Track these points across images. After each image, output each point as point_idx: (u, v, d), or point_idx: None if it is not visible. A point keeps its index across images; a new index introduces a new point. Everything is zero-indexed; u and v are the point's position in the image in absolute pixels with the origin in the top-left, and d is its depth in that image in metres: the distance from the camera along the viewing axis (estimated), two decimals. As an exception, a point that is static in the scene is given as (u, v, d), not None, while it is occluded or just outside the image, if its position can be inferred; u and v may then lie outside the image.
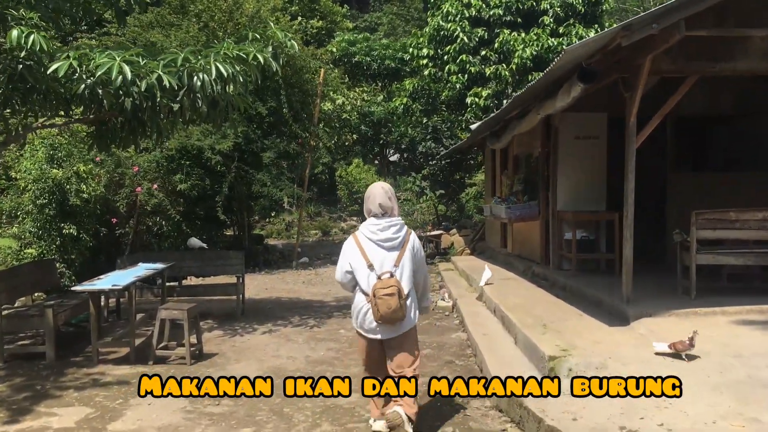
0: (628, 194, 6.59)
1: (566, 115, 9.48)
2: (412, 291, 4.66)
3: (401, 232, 4.64)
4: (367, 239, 4.59)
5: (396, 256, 4.57)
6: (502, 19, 21.19)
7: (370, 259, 4.54)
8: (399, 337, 4.60)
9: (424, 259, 4.91)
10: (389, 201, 4.64)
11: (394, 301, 4.39)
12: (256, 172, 14.24)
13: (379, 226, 4.58)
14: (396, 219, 4.67)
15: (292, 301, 10.89)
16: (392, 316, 4.42)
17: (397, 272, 4.53)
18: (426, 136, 18.92)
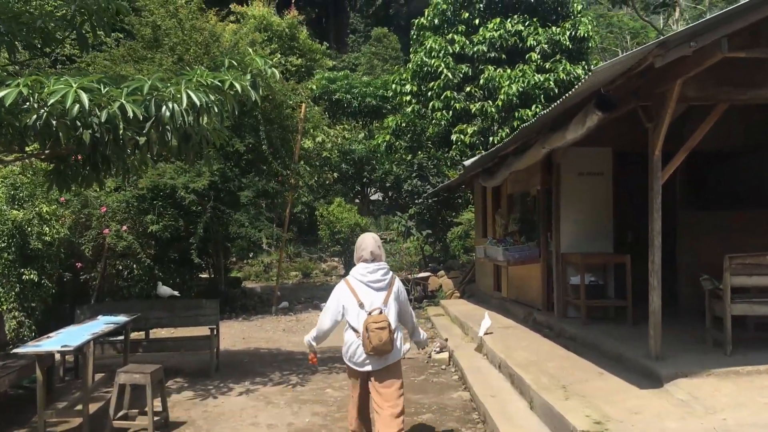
0: (654, 236, 5.85)
1: (569, 151, 8.80)
2: (399, 327, 5.10)
3: (388, 275, 5.09)
4: (358, 281, 5.01)
5: (384, 296, 4.99)
6: (486, 56, 20.76)
7: (360, 299, 4.94)
8: (387, 367, 4.95)
9: (407, 300, 5.33)
10: (378, 249, 5.18)
11: (385, 334, 4.77)
12: (234, 212, 13.37)
13: (369, 269, 5.03)
14: (383, 264, 5.14)
15: (272, 353, 9.95)
16: (383, 348, 4.78)
17: (385, 310, 4.92)
18: (411, 173, 18.21)
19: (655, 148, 5.82)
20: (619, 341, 6.98)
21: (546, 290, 9.60)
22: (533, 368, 6.47)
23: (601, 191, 9.00)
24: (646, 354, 6.06)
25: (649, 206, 5.91)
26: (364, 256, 5.08)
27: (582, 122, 6.13)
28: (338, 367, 8.68)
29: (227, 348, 10.35)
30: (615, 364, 6.38)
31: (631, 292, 8.34)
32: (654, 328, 5.87)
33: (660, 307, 5.86)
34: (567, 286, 8.96)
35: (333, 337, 10.94)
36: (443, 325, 11.42)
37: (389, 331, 4.78)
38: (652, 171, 5.86)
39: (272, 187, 13.99)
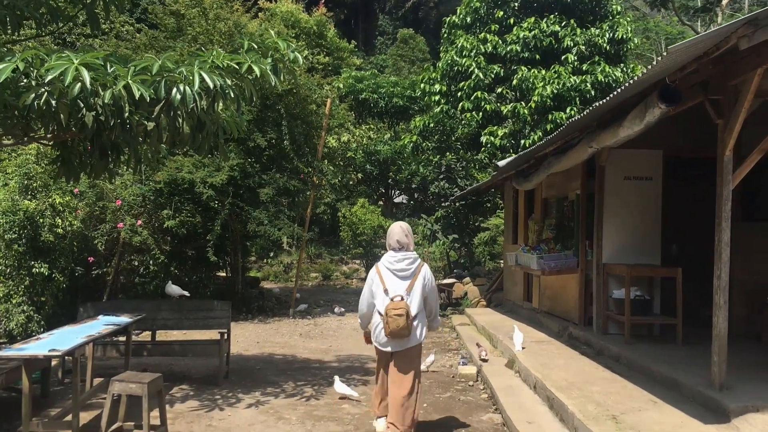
0: (722, 249, 5.13)
1: (614, 152, 8.09)
2: (421, 314, 5.42)
3: (413, 265, 5.40)
4: (386, 268, 5.41)
5: (408, 284, 5.34)
6: (520, 56, 20.07)
7: (386, 285, 5.35)
8: (405, 351, 5.36)
9: (435, 288, 5.61)
10: (406, 238, 5.46)
11: (402, 321, 5.14)
12: (253, 210, 12.80)
13: (396, 258, 5.39)
14: (410, 253, 5.44)
15: (287, 360, 9.33)
16: (400, 333, 5.19)
17: (407, 297, 5.29)
18: (439, 175, 17.52)
19: (725, 148, 5.11)
20: (672, 365, 6.25)
21: (583, 303, 8.88)
22: (575, 392, 5.77)
23: (649, 197, 8.27)
24: (708, 382, 5.34)
25: (717, 214, 5.20)
26: (392, 245, 5.47)
27: (640, 117, 5.43)
28: (356, 378, 8.04)
29: (240, 352, 9.76)
30: (669, 391, 5.66)
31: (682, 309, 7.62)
32: (719, 354, 5.14)
33: (726, 330, 5.14)
34: (608, 300, 8.24)
35: (353, 345, 10.29)
36: (469, 335, 10.72)
37: (407, 317, 5.16)
38: (722, 174, 5.15)
39: (294, 185, 13.39)
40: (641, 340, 7.72)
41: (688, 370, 5.96)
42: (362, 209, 20.26)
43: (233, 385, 7.58)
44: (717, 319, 5.14)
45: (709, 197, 10.14)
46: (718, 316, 5.13)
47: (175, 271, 13.47)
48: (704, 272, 8.37)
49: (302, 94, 13.92)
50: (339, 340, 11.09)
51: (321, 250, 25.91)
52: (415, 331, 5.33)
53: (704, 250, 9.87)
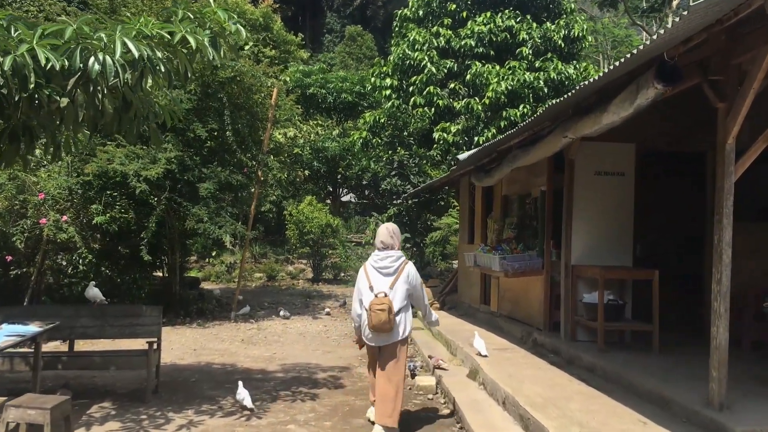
0: (723, 250, 4.52)
1: (585, 145, 7.51)
2: (405, 310, 5.68)
3: (396, 263, 5.73)
4: (372, 267, 5.76)
5: (391, 281, 5.65)
6: (474, 51, 19.57)
7: (371, 282, 5.68)
8: (389, 345, 5.62)
9: (420, 285, 5.87)
10: (390, 239, 5.80)
11: (384, 315, 5.42)
12: (192, 206, 11.82)
13: (379, 257, 5.76)
14: (393, 252, 5.77)
15: (226, 371, 8.46)
16: (382, 327, 5.46)
17: (390, 293, 5.58)
18: (390, 171, 16.80)
19: (728, 135, 4.50)
20: (656, 377, 5.65)
21: (549, 307, 8.28)
22: (553, 410, 5.10)
23: (621, 194, 7.71)
24: (703, 400, 4.73)
25: (717, 210, 4.59)
26: (377, 245, 5.86)
27: (631, 99, 4.79)
28: (303, 392, 7.24)
29: (173, 361, 8.84)
30: (658, 410, 5.04)
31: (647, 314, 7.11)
32: (718, 369, 4.53)
33: (727, 342, 4.53)
34: (576, 304, 7.65)
35: (300, 351, 9.48)
36: (424, 341, 10.02)
37: (388, 312, 5.44)
38: (723, 164, 4.54)
39: (237, 180, 12.45)
40: (614, 348, 7.13)
41: (675, 383, 5.37)
42: (309, 207, 19.38)
43: (163, 402, 6.68)
44: (717, 330, 4.53)
45: (678, 194, 9.77)
46: (718, 326, 4.52)
47: (106, 272, 12.44)
48: (671, 274, 7.92)
49: (247, 82, 13.01)
50: (284, 347, 10.26)
51: (266, 250, 24.90)
52: (399, 327, 5.59)
53: (670, 250, 9.47)
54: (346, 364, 8.94)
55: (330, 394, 7.18)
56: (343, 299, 15.83)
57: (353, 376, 8.14)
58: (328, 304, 15.37)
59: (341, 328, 12.28)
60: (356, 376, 8.10)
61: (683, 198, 8.80)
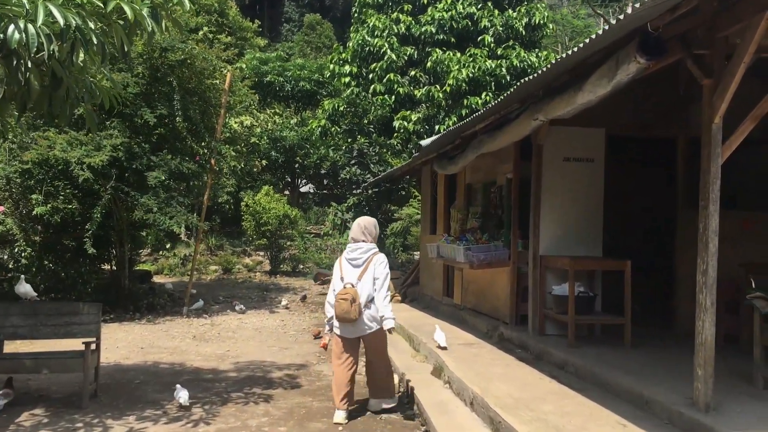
0: (709, 238, 4.18)
1: (554, 130, 7.17)
2: (374, 302, 5.71)
3: (366, 254, 5.81)
4: (344, 258, 5.90)
5: (359, 272, 5.76)
6: (434, 38, 19.23)
7: (342, 273, 5.83)
8: (371, 335, 5.76)
9: (384, 276, 5.79)
10: (361, 234, 5.91)
11: (346, 305, 5.57)
12: (140, 196, 11.19)
13: (351, 248, 5.90)
14: (363, 245, 5.87)
15: (175, 370, 7.91)
16: (344, 316, 5.60)
17: (358, 285, 5.70)
18: (350, 160, 16.32)
19: (714, 114, 4.15)
20: (632, 374, 5.33)
21: (515, 300, 7.94)
22: (525, 413, 4.73)
23: (591, 181, 7.39)
24: (686, 400, 4.41)
25: (703, 196, 4.25)
26: (351, 238, 5.99)
27: (609, 76, 4.42)
28: (257, 393, 6.76)
29: (118, 361, 8.26)
30: (638, 410, 4.71)
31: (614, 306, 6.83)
32: (704, 367, 4.20)
33: (713, 338, 4.20)
34: (545, 297, 7.31)
35: (255, 348, 9.01)
36: (386, 336, 9.60)
37: (350, 302, 5.55)
38: (709, 146, 4.19)
39: (188, 168, 11.84)
40: (584, 342, 6.82)
41: (654, 381, 5.05)
42: (266, 198, 18.78)
43: (102, 408, 6.12)
44: (702, 325, 4.20)
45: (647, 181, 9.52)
46: (703, 320, 4.19)
47: (49, 265, 11.73)
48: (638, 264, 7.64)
49: (198, 66, 12.38)
50: (239, 343, 9.74)
51: (223, 242, 24.19)
52: (367, 318, 5.68)
53: (638, 239, 9.22)
54: (303, 361, 8.47)
55: (286, 395, 6.71)
56: (303, 293, 15.33)
57: (311, 374, 7.68)
58: (286, 298, 14.85)
59: (299, 323, 11.80)
60: (314, 375, 7.64)
61: (652, 185, 8.54)
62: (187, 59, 12.04)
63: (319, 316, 12.59)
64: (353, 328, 5.68)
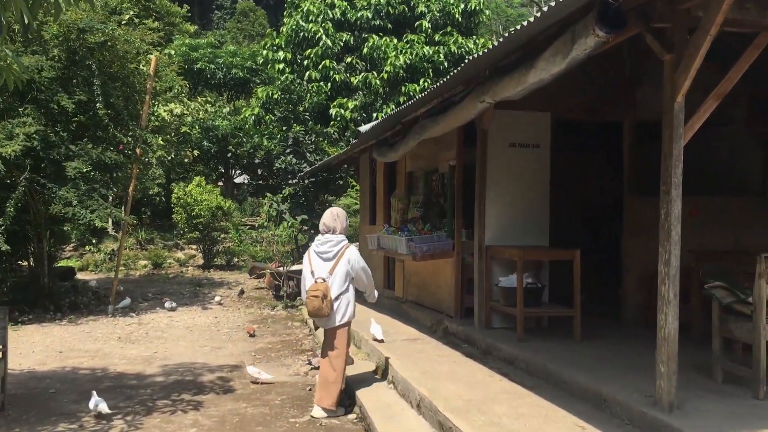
0: (671, 225, 3.89)
1: (499, 114, 6.84)
2: (344, 295, 5.68)
3: (336, 247, 5.64)
4: (313, 252, 5.74)
5: (330, 266, 5.60)
6: (371, 24, 18.79)
7: (312, 267, 5.68)
8: (330, 330, 5.73)
9: (363, 268, 5.81)
10: (333, 222, 5.75)
11: (317, 302, 5.45)
12: (58, 188, 10.40)
13: (320, 241, 5.73)
14: (333, 236, 5.71)
15: (96, 376, 7.29)
16: (316, 313, 5.54)
17: (329, 279, 5.56)
18: (285, 149, 15.74)
19: (677, 92, 3.86)
20: (586, 370, 5.04)
21: (460, 292, 7.61)
22: (478, 417, 4.37)
23: (537, 168, 7.12)
24: (648, 399, 4.13)
25: (664, 180, 3.95)
26: (320, 228, 5.79)
27: (564, 51, 4.08)
28: (186, 400, 6.23)
29: (32, 368, 7.58)
30: (596, 411, 4.41)
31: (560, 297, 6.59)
32: (667, 363, 3.91)
33: (676, 332, 3.92)
34: (491, 289, 7.00)
35: (185, 349, 8.46)
36: (325, 332, 9.16)
37: (321, 299, 5.42)
38: (671, 126, 3.89)
39: (111, 158, 11.06)
40: (533, 335, 6.54)
41: (610, 378, 4.77)
42: (198, 189, 18.03)
43: (9, 424, 5.49)
44: (665, 318, 3.92)
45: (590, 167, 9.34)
46: (666, 313, 3.90)
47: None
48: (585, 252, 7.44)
49: (120, 49, 11.61)
50: (168, 344, 9.14)
51: (154, 235, 23.23)
52: (337, 313, 5.59)
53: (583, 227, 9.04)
54: (237, 362, 7.96)
55: (217, 401, 6.20)
56: (240, 287, 14.71)
57: (245, 376, 7.17)
58: (219, 293, 14.23)
59: (234, 320, 11.24)
60: (248, 377, 7.15)
61: (596, 171, 8.35)
62: (107, 41, 11.26)
63: (254, 312, 12.06)
64: (324, 321, 5.67)
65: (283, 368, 7.64)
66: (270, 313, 11.95)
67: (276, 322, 11.00)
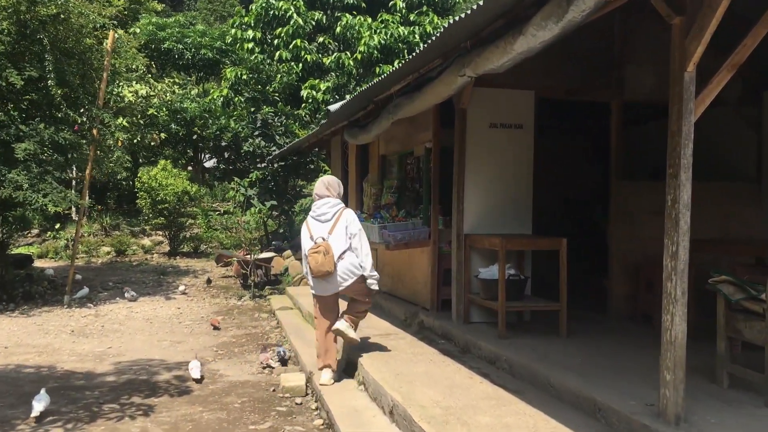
0: (679, 213, 3.40)
1: (478, 92, 6.34)
2: (349, 254, 5.57)
3: (333, 209, 5.64)
4: (311, 217, 5.73)
5: (329, 227, 5.58)
6: (344, 2, 18.15)
7: (311, 232, 5.65)
8: (332, 298, 5.68)
9: (360, 230, 5.69)
10: (326, 190, 5.73)
11: (320, 257, 5.36)
12: (7, 170, 9.70)
13: (317, 205, 5.72)
14: (329, 200, 5.69)
15: (41, 375, 6.68)
16: (320, 269, 5.38)
17: (329, 238, 5.51)
18: (254, 131, 15.07)
19: (687, 61, 3.36)
20: (577, 373, 4.57)
21: (437, 283, 7.12)
22: (458, 428, 3.87)
23: (520, 150, 6.61)
24: (651, 410, 3.66)
25: (671, 162, 3.46)
26: (316, 195, 5.77)
27: (558, 14, 3.55)
28: (136, 404, 5.67)
29: (-30, 367, 6.96)
30: (591, 420, 3.94)
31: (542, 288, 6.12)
32: (674, 370, 3.44)
33: (684, 335, 3.45)
34: (470, 280, 6.51)
35: (142, 344, 7.88)
36: (293, 325, 8.64)
37: (323, 254, 5.35)
38: (680, 100, 3.40)
39: (65, 139, 10.34)
40: (515, 331, 6.06)
41: (602, 382, 4.30)
42: (164, 173, 17.30)
43: (-70, 435, 4.91)
44: (671, 319, 3.44)
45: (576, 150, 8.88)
46: (672, 313, 3.43)
47: None
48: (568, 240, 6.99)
49: (75, 23, 10.85)
50: (124, 338, 8.54)
51: (120, 221, 22.45)
52: (338, 270, 5.47)
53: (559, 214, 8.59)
54: (198, 356, 7.39)
55: (171, 405, 5.65)
56: (206, 275, 14.08)
57: (205, 374, 6.62)
58: (185, 282, 13.61)
59: (198, 311, 10.64)
60: (208, 376, 6.60)
61: (582, 154, 7.88)
62: (60, 14, 10.50)
63: (220, 302, 11.47)
64: (328, 284, 5.52)
65: (246, 365, 7.10)
66: (237, 304, 11.38)
67: (242, 314, 10.44)
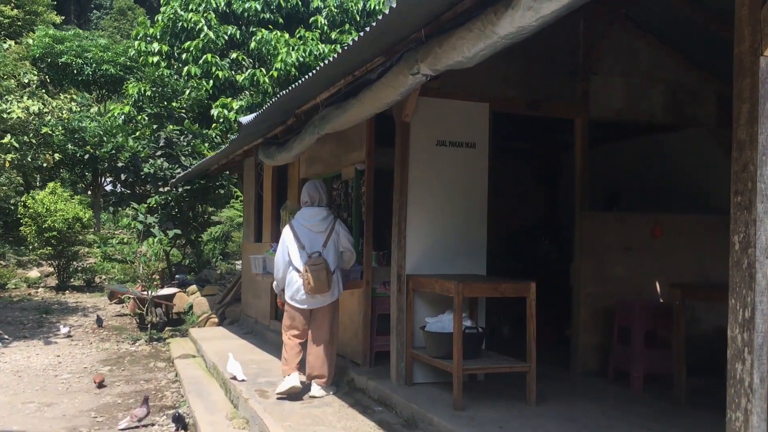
0: (755, 258, 2.32)
1: (424, 104, 5.21)
2: (338, 270, 5.54)
3: (326, 220, 5.52)
4: (300, 225, 5.55)
5: (323, 239, 5.44)
6: (260, 17, 16.90)
7: (302, 241, 5.46)
8: (323, 308, 5.51)
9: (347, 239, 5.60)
10: (316, 192, 5.64)
11: (322, 275, 5.24)
12: None
13: (309, 214, 5.56)
14: (321, 209, 5.58)
15: None
16: (320, 288, 5.27)
17: (324, 252, 5.40)
18: (156, 151, 13.48)
19: (764, 44, 2.31)
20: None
21: (370, 333, 5.89)
22: None
23: (472, 173, 5.49)
24: None
25: (737, 185, 2.38)
26: (305, 200, 5.68)
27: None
28: None
29: None
30: None
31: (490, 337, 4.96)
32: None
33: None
34: (413, 332, 5.32)
35: None
36: (193, 378, 7.20)
37: (326, 272, 5.26)
38: (754, 95, 2.34)
39: None
40: (472, 397, 4.87)
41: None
42: (52, 196, 15.42)
43: None
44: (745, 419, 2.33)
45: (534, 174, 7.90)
46: (748, 410, 2.31)
47: None
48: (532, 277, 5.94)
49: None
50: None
51: (5, 249, 20.18)
52: (334, 288, 5.42)
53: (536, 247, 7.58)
54: (71, 426, 5.86)
55: None
56: (97, 314, 12.31)
57: (73, 457, 5.13)
58: (71, 321, 11.82)
59: (81, 359, 8.98)
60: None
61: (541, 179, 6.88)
62: None
63: (110, 348, 9.82)
64: (313, 300, 5.42)
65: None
66: (129, 349, 9.76)
67: (135, 362, 8.87)
